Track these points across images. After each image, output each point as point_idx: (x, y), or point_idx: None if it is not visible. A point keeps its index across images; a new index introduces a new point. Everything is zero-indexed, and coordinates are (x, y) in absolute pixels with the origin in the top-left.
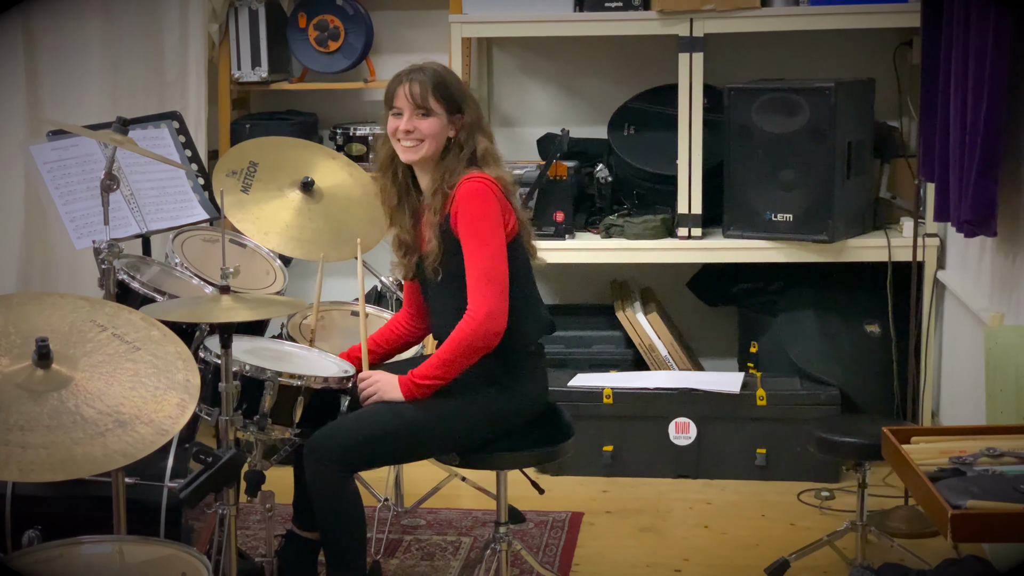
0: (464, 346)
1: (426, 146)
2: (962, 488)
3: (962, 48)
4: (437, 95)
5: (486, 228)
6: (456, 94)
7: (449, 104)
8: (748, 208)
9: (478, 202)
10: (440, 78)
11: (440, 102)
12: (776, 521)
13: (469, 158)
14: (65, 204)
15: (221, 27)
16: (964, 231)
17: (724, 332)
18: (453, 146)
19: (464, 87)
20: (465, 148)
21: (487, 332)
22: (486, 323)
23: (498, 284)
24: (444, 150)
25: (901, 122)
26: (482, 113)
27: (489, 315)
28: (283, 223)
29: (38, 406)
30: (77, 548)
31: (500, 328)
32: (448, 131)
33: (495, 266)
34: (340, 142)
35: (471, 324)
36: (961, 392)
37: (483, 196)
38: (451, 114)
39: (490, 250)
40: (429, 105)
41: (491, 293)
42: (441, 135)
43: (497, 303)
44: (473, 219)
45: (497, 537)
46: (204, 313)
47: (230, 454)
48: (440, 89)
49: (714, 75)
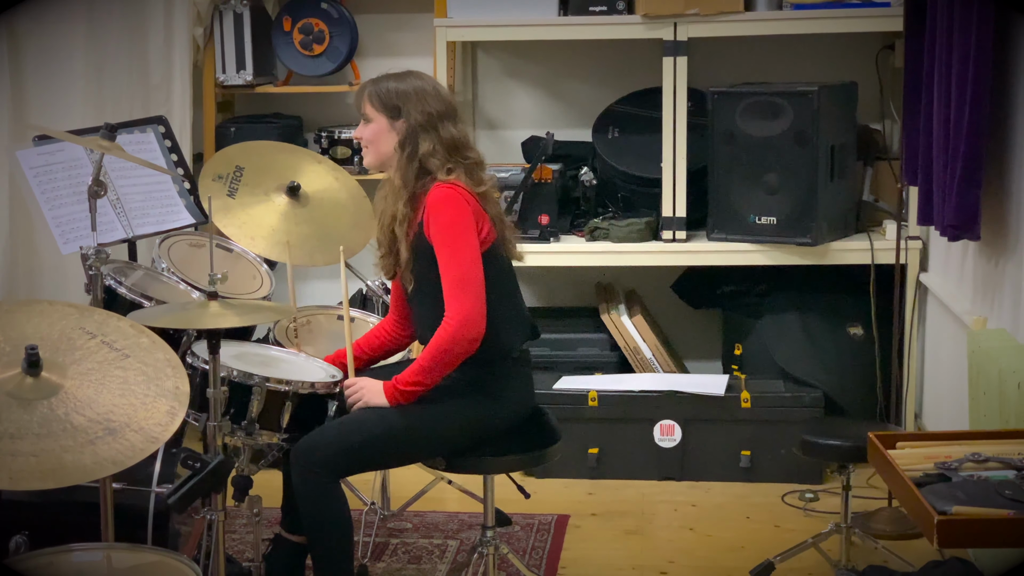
0: (442, 352)
1: (370, 152)
2: (948, 494)
3: (945, 51)
4: (373, 101)
5: (458, 234)
6: (392, 99)
7: (387, 110)
8: (732, 211)
9: (448, 208)
10: (380, 85)
11: (377, 108)
12: (761, 523)
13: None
14: (51, 209)
15: (206, 30)
16: (948, 235)
17: (708, 335)
18: (399, 151)
19: (407, 91)
20: (407, 150)
21: (464, 338)
22: (462, 329)
23: (473, 289)
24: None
25: (883, 125)
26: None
27: (465, 321)
28: (269, 227)
29: (27, 414)
30: (68, 555)
31: (477, 333)
32: (392, 137)
33: (469, 271)
34: (325, 145)
35: (447, 331)
36: (944, 394)
37: (453, 202)
38: (391, 119)
39: (463, 255)
40: (366, 112)
41: (466, 299)
42: (383, 140)
43: (472, 308)
44: (444, 225)
45: (484, 541)
46: (192, 319)
47: (218, 460)
48: (376, 95)
49: (698, 79)
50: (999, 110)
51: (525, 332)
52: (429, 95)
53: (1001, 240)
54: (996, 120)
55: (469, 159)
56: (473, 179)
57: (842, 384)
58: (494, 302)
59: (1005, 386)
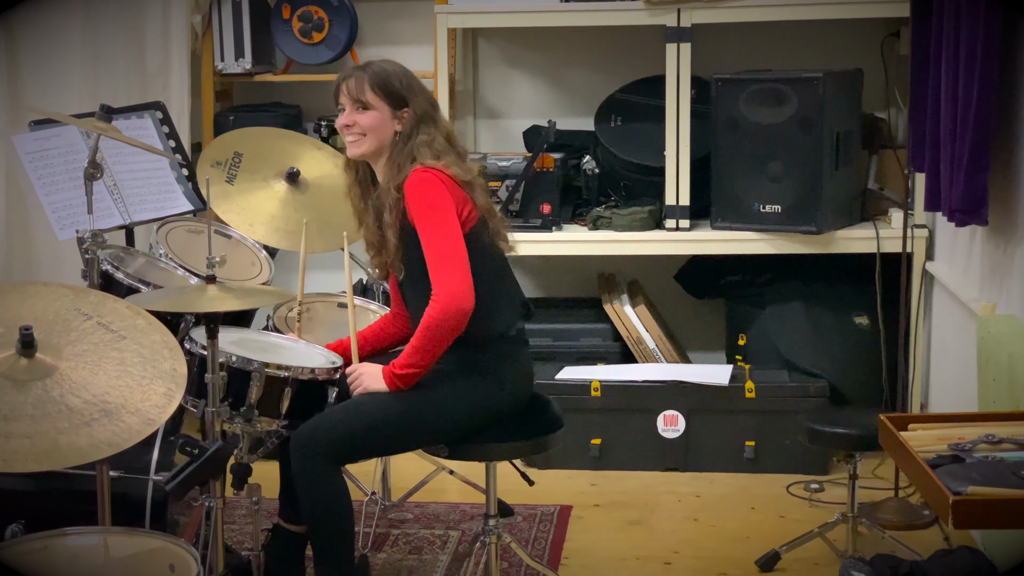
0: (433, 330)
1: (367, 141)
2: (962, 474)
3: (952, 36)
4: (376, 89)
5: (436, 212)
6: (399, 88)
7: (391, 98)
8: (736, 199)
9: (423, 189)
10: (382, 73)
11: (380, 96)
12: (765, 513)
13: (415, 148)
14: (47, 195)
15: (204, 18)
16: (955, 220)
17: (712, 324)
18: (398, 140)
19: (412, 82)
20: (410, 141)
21: (455, 312)
22: (451, 304)
23: (457, 264)
24: (393, 144)
25: (889, 113)
26: (435, 107)
27: (453, 296)
28: (268, 214)
29: (22, 395)
30: (62, 539)
31: (467, 307)
32: (393, 125)
33: (450, 247)
34: (324, 134)
35: (436, 307)
36: (950, 383)
37: (427, 183)
38: (394, 108)
39: (443, 232)
40: (366, 99)
41: (451, 275)
42: (382, 129)
43: (459, 283)
44: (421, 205)
45: (487, 530)
46: (190, 302)
47: (216, 446)
48: (379, 83)
49: (701, 66)
50: (1006, 95)
51: (518, 311)
52: (425, 88)
53: (1009, 226)
54: (1003, 105)
55: (459, 148)
56: (463, 169)
57: (847, 374)
58: (484, 283)
59: (1015, 372)
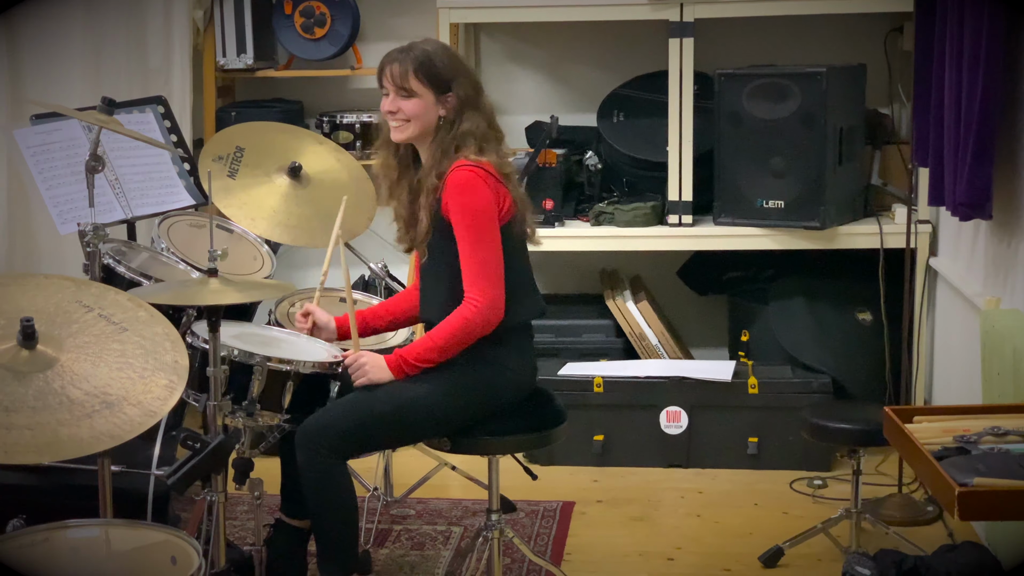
0: (464, 331)
1: (411, 127)
2: (968, 466)
3: (956, 31)
4: (420, 76)
5: (481, 220)
6: (443, 73)
7: (435, 84)
8: (739, 195)
9: (468, 193)
10: (425, 58)
11: (424, 83)
12: (769, 510)
13: (460, 137)
14: (49, 189)
15: (206, 13)
16: (959, 214)
17: (715, 320)
18: (443, 125)
19: (456, 65)
20: (454, 127)
21: (487, 321)
22: (487, 312)
23: (496, 275)
24: (437, 129)
25: (892, 108)
26: (478, 91)
27: (491, 304)
28: (270, 208)
29: (23, 387)
30: (63, 532)
31: (498, 319)
32: (437, 111)
33: (491, 257)
34: (327, 130)
35: (472, 310)
36: (954, 379)
37: (472, 186)
38: (438, 94)
39: (485, 239)
40: (410, 86)
41: (491, 282)
42: (426, 115)
43: (497, 295)
44: (466, 211)
45: (489, 524)
46: (192, 296)
47: (219, 439)
48: (424, 69)
49: (704, 61)
50: (1010, 89)
51: (532, 309)
52: (467, 67)
53: (1013, 220)
54: (1007, 99)
55: (500, 133)
56: (502, 156)
57: (850, 370)
58: (507, 275)
59: (1020, 366)
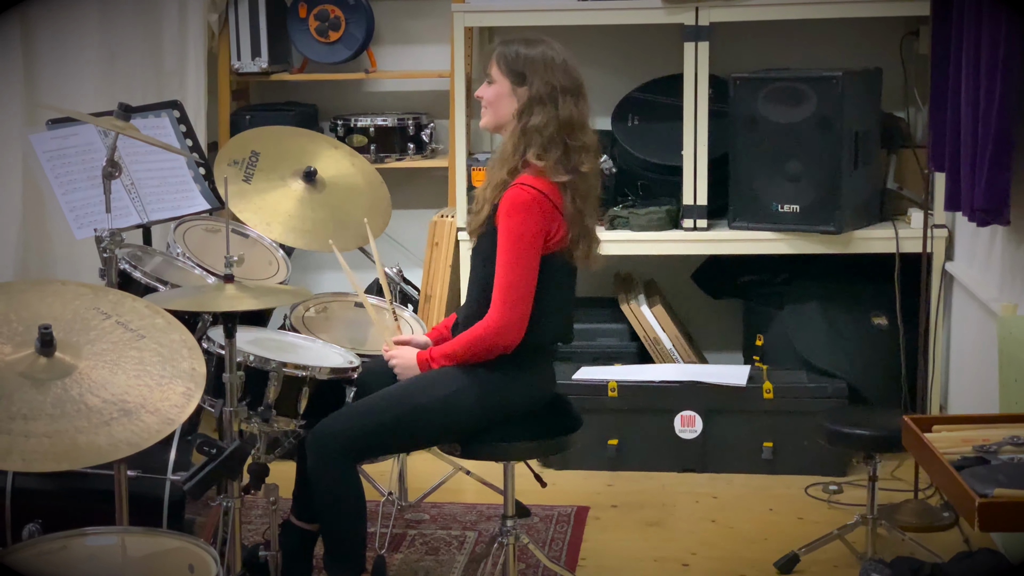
0: (474, 346)
1: (489, 113)
2: (988, 476)
3: (974, 35)
4: (501, 64)
5: (520, 245)
6: (521, 66)
7: (512, 75)
8: (754, 199)
9: (518, 215)
10: (510, 48)
11: (503, 72)
12: (784, 515)
13: (527, 133)
14: (65, 194)
15: (220, 17)
16: (977, 220)
17: (729, 325)
18: (514, 118)
19: (543, 61)
20: (523, 119)
21: (497, 344)
22: (496, 335)
23: (521, 300)
24: (511, 121)
25: (908, 112)
26: (557, 91)
27: (503, 329)
28: (285, 213)
29: (41, 395)
30: (81, 539)
31: (510, 342)
32: (512, 102)
33: (520, 282)
34: (341, 133)
35: (484, 330)
36: (969, 384)
37: (526, 209)
38: (514, 85)
39: (521, 266)
40: (492, 73)
41: (510, 309)
42: (501, 104)
43: (513, 320)
44: (511, 233)
45: (504, 530)
46: (208, 302)
47: (234, 445)
48: (505, 59)
49: (719, 65)
50: None
51: (557, 333)
52: (557, 67)
53: None
54: None
55: (578, 142)
56: (567, 165)
57: (866, 375)
58: (544, 296)
59: None
